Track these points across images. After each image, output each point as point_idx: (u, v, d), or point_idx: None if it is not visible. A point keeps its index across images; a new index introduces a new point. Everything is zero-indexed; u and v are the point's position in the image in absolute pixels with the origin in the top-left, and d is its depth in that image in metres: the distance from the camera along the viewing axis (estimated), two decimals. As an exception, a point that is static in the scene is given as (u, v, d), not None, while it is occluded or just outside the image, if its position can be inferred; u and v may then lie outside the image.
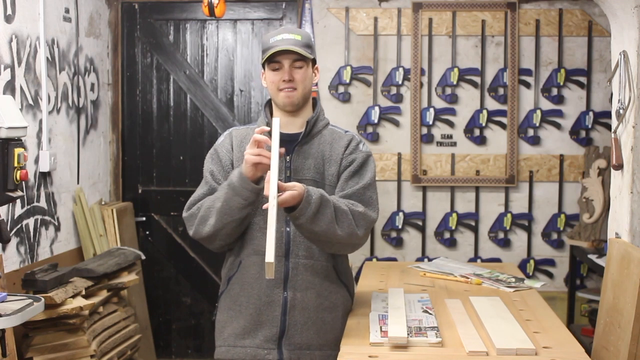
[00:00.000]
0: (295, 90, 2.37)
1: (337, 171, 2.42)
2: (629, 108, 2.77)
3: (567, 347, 2.07)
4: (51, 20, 3.68)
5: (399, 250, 4.51)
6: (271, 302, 2.37)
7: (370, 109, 4.46)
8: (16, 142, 2.68)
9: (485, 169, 4.47)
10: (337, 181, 2.41)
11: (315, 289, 2.38)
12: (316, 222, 2.22)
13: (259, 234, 2.37)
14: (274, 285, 2.36)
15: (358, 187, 2.38)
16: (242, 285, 2.40)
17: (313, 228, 2.23)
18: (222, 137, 2.51)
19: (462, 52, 4.46)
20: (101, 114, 4.44)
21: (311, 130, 2.43)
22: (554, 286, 4.47)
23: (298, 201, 2.17)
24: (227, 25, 4.59)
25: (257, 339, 2.37)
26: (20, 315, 2.44)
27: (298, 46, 2.35)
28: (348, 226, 2.28)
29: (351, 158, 2.43)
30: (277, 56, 2.35)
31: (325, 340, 2.36)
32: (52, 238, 3.69)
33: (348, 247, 2.39)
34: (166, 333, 4.67)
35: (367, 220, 2.35)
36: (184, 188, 4.59)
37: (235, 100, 4.60)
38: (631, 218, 2.75)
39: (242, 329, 2.39)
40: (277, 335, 2.37)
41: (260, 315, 2.37)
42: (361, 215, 2.33)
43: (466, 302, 2.54)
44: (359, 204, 2.35)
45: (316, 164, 2.40)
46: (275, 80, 2.37)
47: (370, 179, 2.41)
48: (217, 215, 2.28)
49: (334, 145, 2.44)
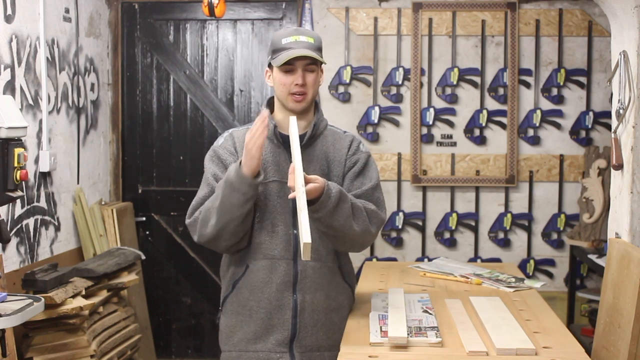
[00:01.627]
0: (305, 95, 2.35)
1: (341, 172, 2.43)
2: (629, 108, 2.77)
3: (567, 347, 2.07)
4: (51, 20, 3.68)
5: (399, 250, 4.51)
6: (281, 305, 2.36)
7: (370, 109, 4.46)
8: (16, 142, 2.68)
9: (485, 169, 4.47)
10: (342, 182, 2.42)
11: (324, 291, 2.39)
12: (335, 216, 2.24)
13: (267, 238, 2.36)
14: (283, 288, 2.36)
15: (367, 188, 2.40)
16: (251, 290, 2.38)
17: (331, 222, 2.25)
18: (222, 138, 2.47)
19: (462, 52, 4.46)
20: (101, 114, 4.44)
21: (314, 132, 2.43)
22: (554, 286, 4.47)
23: (319, 194, 2.19)
24: (227, 25, 4.59)
25: (268, 343, 2.37)
26: (20, 315, 2.44)
27: (312, 49, 2.33)
28: (363, 222, 2.31)
29: (354, 159, 2.44)
30: (291, 60, 2.31)
31: (335, 341, 2.33)
32: (52, 238, 3.69)
33: (359, 245, 2.41)
34: (166, 333, 4.67)
35: (378, 219, 2.39)
36: (184, 188, 4.59)
37: (235, 100, 4.60)
38: (631, 218, 2.75)
39: (253, 333, 2.38)
40: (289, 338, 2.36)
41: (271, 319, 2.37)
42: (374, 213, 2.37)
43: (466, 302, 2.54)
44: (368, 202, 2.38)
45: (320, 166, 2.41)
46: (286, 83, 2.33)
47: (376, 179, 2.44)
48: (218, 214, 2.26)
49: (336, 146, 2.45)
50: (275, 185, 2.37)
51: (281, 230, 2.36)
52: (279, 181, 2.37)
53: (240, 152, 2.38)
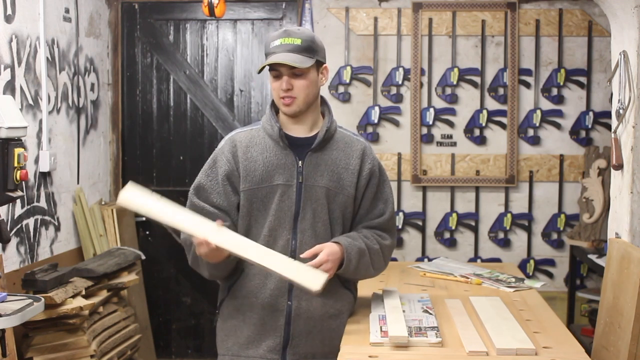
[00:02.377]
0: (294, 99, 2.27)
1: (354, 182, 2.35)
2: (629, 108, 2.77)
3: (567, 347, 2.07)
4: (51, 20, 3.68)
5: (399, 250, 4.51)
6: (275, 311, 2.32)
7: (370, 109, 4.46)
8: (16, 142, 2.68)
9: (485, 169, 4.47)
10: (354, 192, 2.36)
11: (321, 298, 2.32)
12: (356, 273, 2.36)
13: (264, 242, 2.30)
14: (277, 294, 2.32)
15: (385, 219, 2.42)
16: (246, 295, 2.35)
17: (354, 277, 2.41)
18: (223, 142, 2.40)
19: (462, 52, 4.46)
20: (101, 114, 4.44)
21: (327, 136, 2.35)
22: (554, 286, 4.47)
23: (340, 263, 2.28)
24: (227, 25, 4.59)
25: (260, 349, 2.33)
26: (20, 315, 2.45)
27: (297, 52, 2.23)
28: (378, 262, 2.41)
29: (368, 171, 2.38)
30: (275, 65, 2.25)
31: (331, 348, 2.29)
32: (52, 238, 3.69)
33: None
34: (166, 333, 4.67)
35: (391, 250, 2.47)
36: (184, 188, 4.58)
37: (235, 100, 4.60)
38: (631, 218, 2.75)
39: (245, 338, 2.35)
40: (281, 345, 2.33)
41: (264, 325, 2.33)
42: (388, 248, 2.44)
43: (466, 302, 2.54)
44: (384, 234, 2.42)
45: (330, 172, 2.32)
46: (275, 88, 2.29)
47: (392, 203, 2.45)
48: (207, 271, 2.33)
49: (348, 153, 2.37)
50: (279, 189, 2.31)
51: (279, 235, 2.31)
52: (283, 184, 2.31)
53: (243, 158, 2.33)
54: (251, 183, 2.32)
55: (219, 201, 2.34)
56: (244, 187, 2.33)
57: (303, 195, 2.31)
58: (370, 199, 2.40)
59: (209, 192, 2.35)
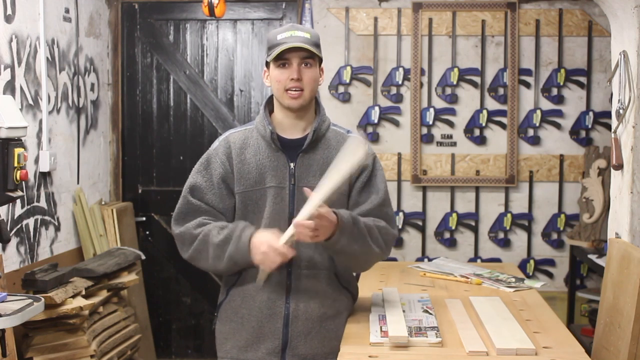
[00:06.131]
0: (302, 92, 2.26)
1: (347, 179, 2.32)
2: (629, 108, 2.77)
3: (567, 347, 2.07)
4: (51, 20, 3.68)
5: (399, 250, 4.51)
6: (273, 314, 2.32)
7: (370, 109, 4.46)
8: (16, 142, 2.68)
9: (485, 169, 4.47)
10: (347, 189, 2.34)
11: (319, 299, 2.32)
12: (353, 242, 2.21)
13: None
14: (275, 297, 2.31)
15: (375, 205, 2.33)
16: (243, 297, 2.35)
17: (352, 247, 2.22)
18: (217, 142, 2.40)
19: (462, 52, 4.46)
20: (101, 114, 4.44)
21: (315, 136, 2.34)
22: (554, 286, 4.47)
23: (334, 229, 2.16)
24: (227, 25, 4.59)
25: (259, 352, 2.33)
26: (20, 315, 2.44)
27: (308, 44, 2.23)
28: (375, 238, 2.27)
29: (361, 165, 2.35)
30: (286, 54, 2.23)
31: (331, 349, 2.29)
32: (52, 238, 3.69)
33: (371, 264, 2.40)
34: (166, 333, 4.67)
35: (390, 235, 2.34)
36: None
37: (235, 100, 4.61)
38: (631, 218, 2.75)
39: (244, 341, 2.35)
40: (280, 347, 2.32)
41: (262, 328, 2.32)
42: (385, 230, 2.31)
43: (466, 302, 2.54)
44: (378, 219, 2.32)
45: (322, 172, 2.28)
46: (282, 79, 2.26)
47: (384, 193, 2.36)
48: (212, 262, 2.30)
49: (339, 150, 2.32)
50: (272, 191, 2.31)
51: None
52: (275, 187, 2.31)
53: (237, 160, 2.32)
54: (245, 185, 2.33)
55: (214, 201, 2.35)
56: (238, 190, 2.34)
57: (296, 196, 2.30)
58: (359, 189, 2.36)
59: (204, 192, 2.35)
